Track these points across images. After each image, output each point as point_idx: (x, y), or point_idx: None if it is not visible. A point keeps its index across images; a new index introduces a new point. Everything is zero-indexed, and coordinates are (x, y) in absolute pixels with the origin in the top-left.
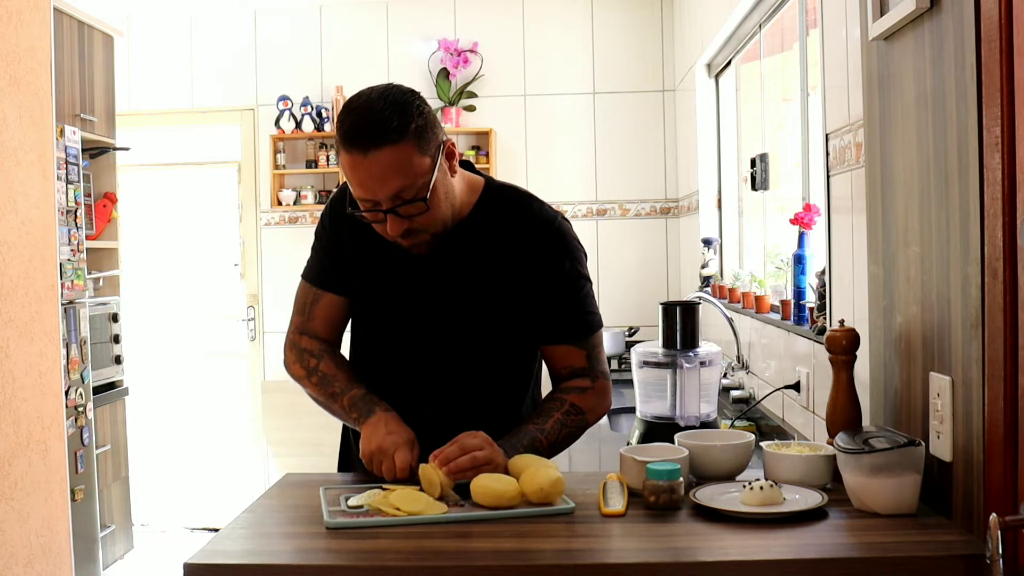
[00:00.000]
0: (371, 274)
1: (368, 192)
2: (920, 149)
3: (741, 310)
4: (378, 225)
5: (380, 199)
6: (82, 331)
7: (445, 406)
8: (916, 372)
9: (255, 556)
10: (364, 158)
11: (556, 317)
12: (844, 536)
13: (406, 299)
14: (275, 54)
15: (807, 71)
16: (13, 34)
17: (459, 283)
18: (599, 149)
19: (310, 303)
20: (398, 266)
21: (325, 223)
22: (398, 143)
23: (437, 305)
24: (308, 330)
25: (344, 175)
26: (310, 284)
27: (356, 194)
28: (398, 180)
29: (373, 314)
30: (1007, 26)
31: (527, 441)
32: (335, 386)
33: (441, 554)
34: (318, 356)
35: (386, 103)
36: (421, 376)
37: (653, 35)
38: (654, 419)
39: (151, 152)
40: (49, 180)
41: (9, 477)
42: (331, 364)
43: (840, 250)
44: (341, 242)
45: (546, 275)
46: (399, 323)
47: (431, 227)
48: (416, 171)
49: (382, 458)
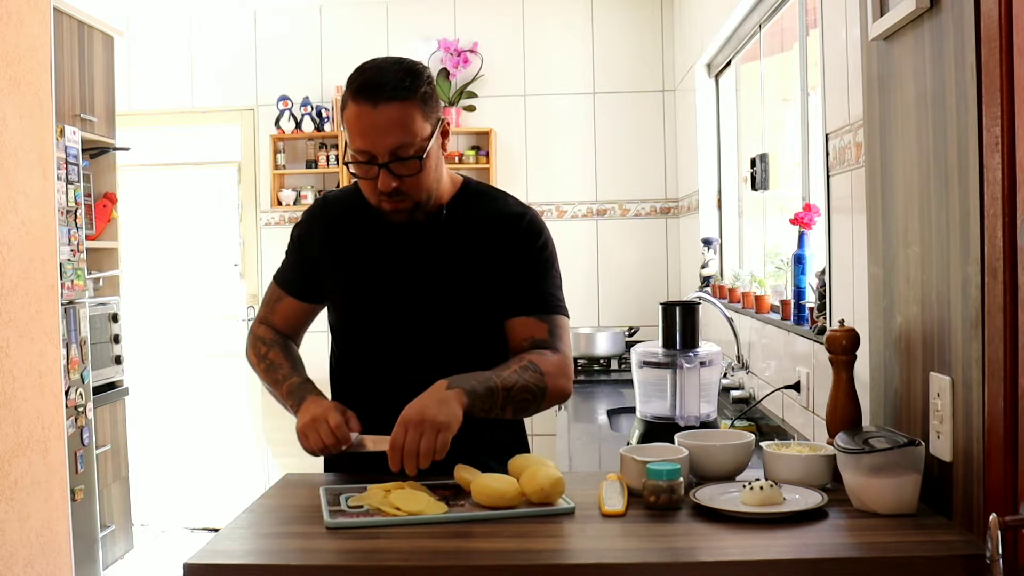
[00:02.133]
0: (348, 268)
1: (369, 143)
2: (920, 149)
3: (741, 310)
4: (366, 183)
5: (379, 151)
6: (82, 331)
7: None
8: (916, 372)
9: (255, 556)
10: (372, 109)
11: (520, 290)
12: (844, 536)
13: (384, 289)
14: (275, 54)
15: (807, 71)
16: (13, 34)
17: (434, 271)
18: (599, 149)
19: (274, 301)
20: (375, 258)
21: (300, 231)
22: (406, 101)
23: (414, 294)
24: (268, 322)
25: (346, 127)
26: (276, 285)
27: (356, 145)
28: (400, 135)
29: (352, 307)
30: (1007, 26)
31: (481, 379)
32: (279, 373)
33: (441, 554)
34: (270, 345)
35: (400, 66)
36: (400, 366)
37: (653, 35)
38: (654, 419)
39: (151, 152)
40: (49, 180)
41: (9, 477)
42: (279, 354)
43: (840, 250)
44: (314, 246)
45: (515, 258)
46: (378, 314)
47: (416, 193)
48: (417, 132)
49: (315, 426)
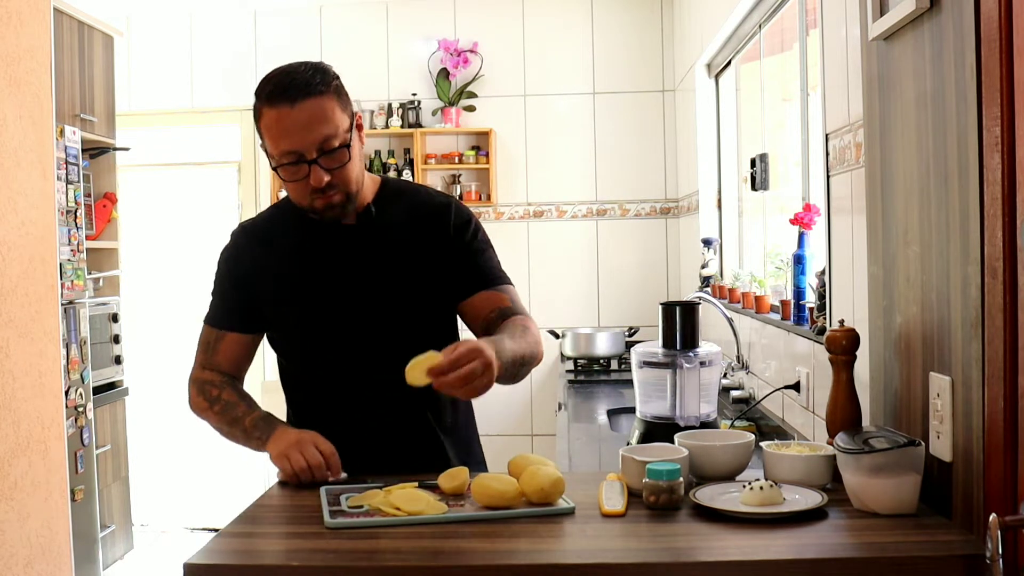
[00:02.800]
0: (291, 284)
1: (295, 142)
2: (920, 149)
3: (741, 310)
4: (296, 186)
5: (306, 148)
6: (82, 331)
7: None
8: (916, 372)
9: (255, 556)
10: (291, 109)
11: (469, 271)
12: (844, 536)
13: (331, 296)
14: (275, 54)
15: (807, 71)
16: (13, 34)
17: (376, 270)
18: (599, 149)
19: (213, 341)
20: (315, 268)
21: (227, 264)
22: (322, 95)
23: (361, 295)
24: (211, 365)
25: (265, 135)
26: (212, 327)
27: (280, 147)
28: (323, 127)
29: (302, 321)
30: (1007, 26)
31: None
32: (237, 411)
33: (441, 554)
34: (219, 387)
35: (306, 67)
36: (358, 368)
37: (653, 35)
38: (654, 419)
39: (151, 152)
40: (49, 180)
41: (9, 477)
42: (232, 393)
43: (840, 250)
44: (247, 272)
45: (452, 245)
46: (329, 321)
47: (347, 184)
48: (338, 123)
49: (301, 448)
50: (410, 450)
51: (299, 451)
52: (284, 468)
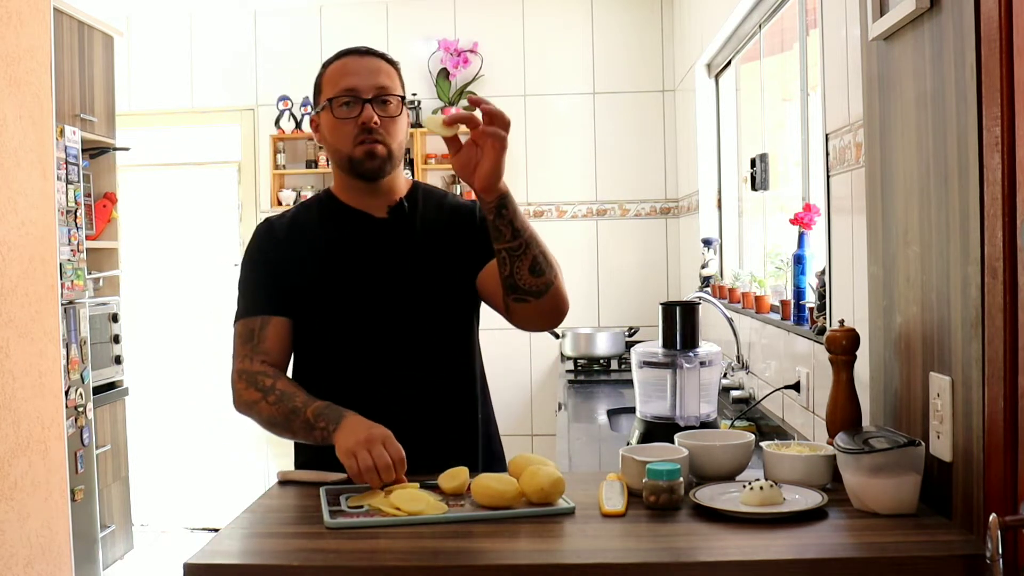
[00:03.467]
0: (326, 274)
1: (356, 80)
2: (920, 149)
3: (741, 310)
4: (344, 127)
5: (365, 88)
6: (82, 331)
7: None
8: (916, 372)
9: (255, 556)
10: (360, 57)
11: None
12: (844, 536)
13: (360, 291)
14: (275, 54)
15: (807, 71)
16: (13, 34)
17: (406, 265)
18: (599, 149)
19: (258, 329)
20: (346, 262)
21: (260, 255)
22: (388, 62)
23: (389, 290)
24: (259, 353)
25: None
26: (251, 316)
27: (340, 86)
28: (385, 79)
29: (329, 314)
30: (1007, 26)
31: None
32: (296, 401)
33: (441, 554)
34: (273, 376)
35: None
36: (379, 368)
37: (653, 35)
38: (654, 419)
39: (151, 152)
40: (49, 180)
41: (9, 477)
42: (287, 383)
43: (840, 250)
44: (281, 261)
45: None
46: (355, 316)
47: (391, 138)
48: (395, 85)
49: (370, 446)
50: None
51: (367, 450)
52: (350, 466)
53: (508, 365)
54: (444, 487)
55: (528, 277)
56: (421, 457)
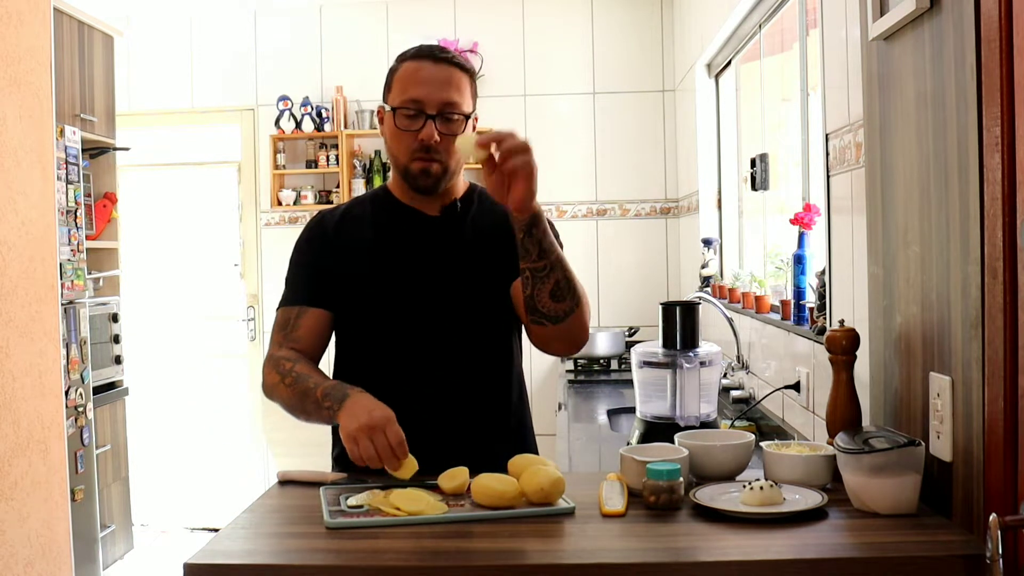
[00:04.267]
0: (375, 268)
1: (424, 92)
2: (920, 149)
3: (741, 310)
4: (403, 138)
5: (431, 102)
6: (82, 331)
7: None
8: (916, 372)
9: (255, 556)
10: (433, 64)
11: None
12: (844, 536)
13: (408, 285)
14: (275, 54)
15: (807, 71)
16: (13, 34)
17: (455, 263)
18: (599, 149)
19: (293, 318)
20: (397, 256)
21: (310, 246)
22: (463, 70)
23: (437, 287)
24: (290, 340)
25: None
26: (290, 305)
27: (408, 94)
28: (454, 93)
29: (375, 306)
30: (1007, 26)
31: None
32: (309, 382)
33: (441, 554)
34: (294, 360)
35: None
36: (420, 364)
37: (653, 35)
38: (654, 419)
39: (151, 152)
40: (49, 180)
41: (9, 477)
42: (306, 366)
43: (840, 250)
44: (331, 252)
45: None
46: (402, 310)
47: (448, 157)
48: (465, 99)
49: (372, 433)
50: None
51: (368, 437)
52: (351, 451)
53: None
54: (444, 487)
55: (548, 301)
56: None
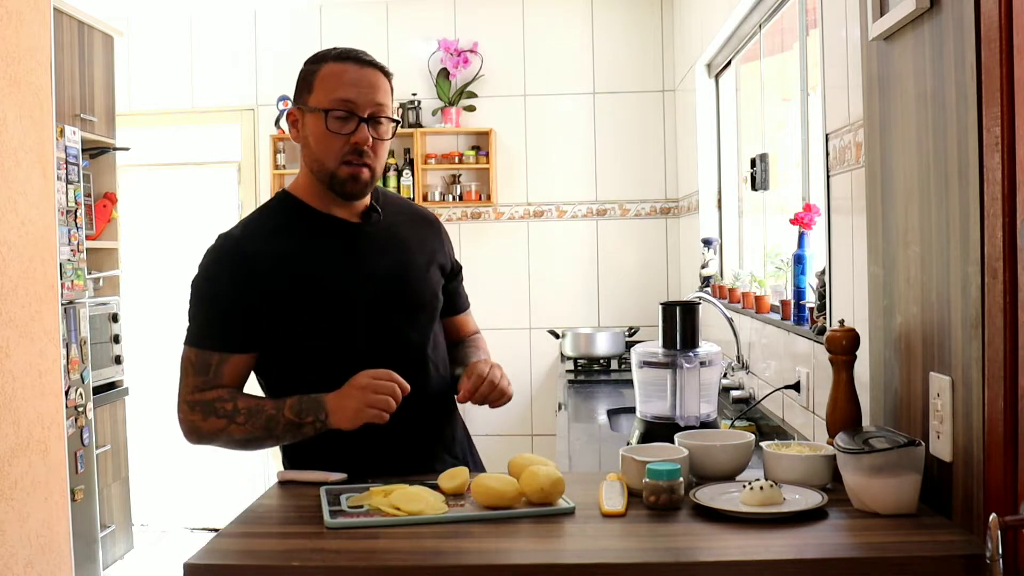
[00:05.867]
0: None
1: (354, 94)
2: (920, 149)
3: (741, 310)
4: (331, 142)
5: (362, 103)
6: (82, 331)
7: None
8: (916, 372)
9: (255, 556)
10: (360, 67)
11: (457, 290)
12: (844, 536)
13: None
14: (275, 54)
15: (807, 71)
16: (13, 34)
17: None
18: (599, 149)
19: (215, 366)
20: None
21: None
22: (387, 76)
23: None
24: (213, 388)
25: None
26: (206, 350)
27: (338, 95)
28: (382, 96)
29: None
30: (1007, 26)
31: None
32: (266, 410)
33: (441, 554)
34: (230, 399)
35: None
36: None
37: (653, 35)
38: (654, 419)
39: (151, 152)
40: (49, 180)
41: (9, 477)
42: (247, 399)
43: (840, 250)
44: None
45: (448, 259)
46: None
47: (377, 161)
48: (390, 103)
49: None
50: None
51: (370, 401)
52: (374, 419)
53: (508, 365)
54: (444, 487)
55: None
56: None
